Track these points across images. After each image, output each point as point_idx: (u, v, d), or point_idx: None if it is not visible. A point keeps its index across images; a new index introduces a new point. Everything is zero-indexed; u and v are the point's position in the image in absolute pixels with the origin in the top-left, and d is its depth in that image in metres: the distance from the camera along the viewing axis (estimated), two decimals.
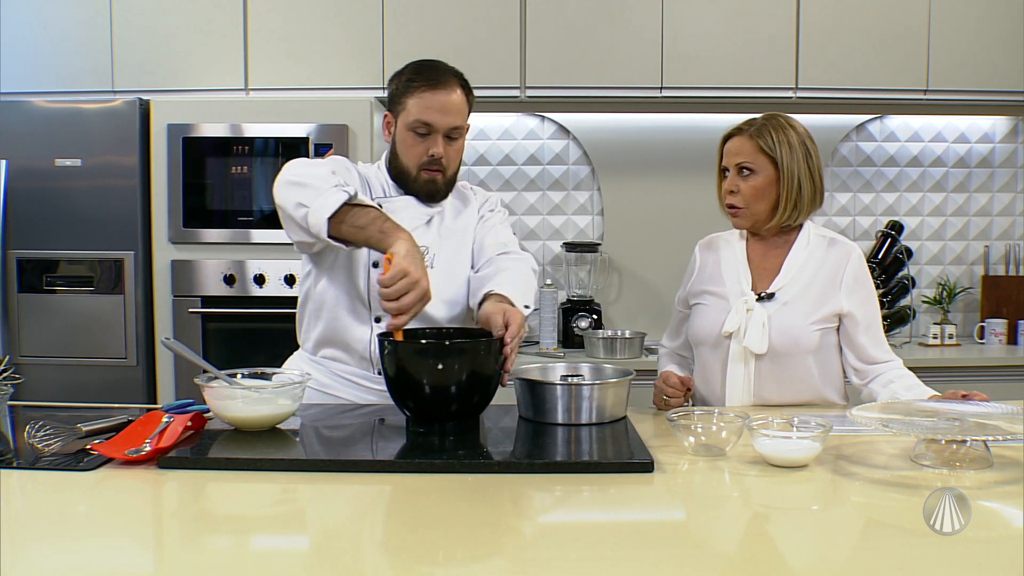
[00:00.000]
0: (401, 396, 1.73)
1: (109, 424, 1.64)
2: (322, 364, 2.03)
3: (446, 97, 1.93)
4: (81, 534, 1.22)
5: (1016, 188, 3.89)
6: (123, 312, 3.19)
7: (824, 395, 2.07)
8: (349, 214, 1.77)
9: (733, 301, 2.07)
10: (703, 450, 1.60)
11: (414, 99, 1.93)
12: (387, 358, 1.72)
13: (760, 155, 2.06)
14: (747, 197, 2.07)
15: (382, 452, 1.61)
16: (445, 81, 1.94)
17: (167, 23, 3.38)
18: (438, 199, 2.04)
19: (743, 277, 2.10)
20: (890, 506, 1.36)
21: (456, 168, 2.04)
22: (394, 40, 3.38)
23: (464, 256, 2.07)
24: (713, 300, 2.12)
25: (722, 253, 2.18)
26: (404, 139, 1.97)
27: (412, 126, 1.94)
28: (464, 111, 1.98)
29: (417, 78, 1.95)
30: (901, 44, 3.43)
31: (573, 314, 3.61)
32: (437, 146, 1.95)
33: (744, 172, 2.07)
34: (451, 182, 2.05)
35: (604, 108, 3.67)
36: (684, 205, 3.80)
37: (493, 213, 2.14)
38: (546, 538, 1.27)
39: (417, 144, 1.95)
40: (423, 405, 1.71)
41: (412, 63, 2.01)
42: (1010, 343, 3.65)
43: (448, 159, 1.98)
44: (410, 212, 2.00)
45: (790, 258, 2.08)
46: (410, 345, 1.74)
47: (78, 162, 3.17)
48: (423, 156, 1.96)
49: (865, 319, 2.04)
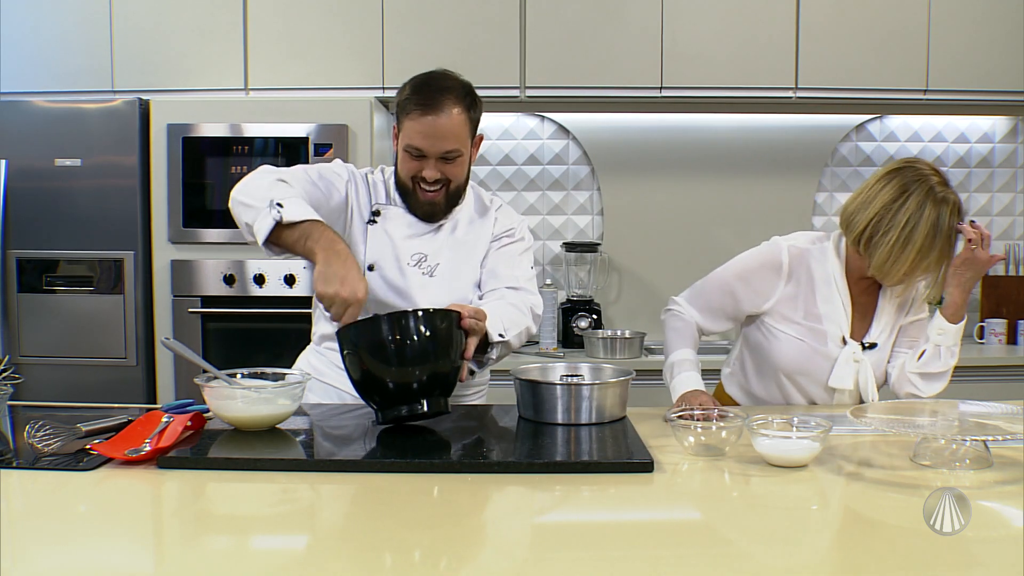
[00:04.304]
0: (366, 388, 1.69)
1: (109, 424, 1.64)
2: (323, 355, 2.07)
3: (439, 122, 1.86)
4: (81, 534, 1.22)
5: (1016, 188, 3.89)
6: (123, 312, 3.19)
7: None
8: (283, 233, 1.75)
9: (832, 345, 2.00)
10: (703, 450, 1.61)
11: (408, 121, 1.89)
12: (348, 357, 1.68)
13: None
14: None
15: (382, 452, 1.61)
16: (439, 104, 1.86)
17: (167, 23, 3.38)
18: (438, 217, 2.00)
19: (843, 319, 2.00)
20: (890, 506, 1.36)
21: (462, 182, 1.98)
22: (394, 40, 3.38)
23: (469, 270, 2.03)
24: (806, 334, 2.01)
25: (816, 275, 2.02)
26: (401, 157, 1.95)
27: (406, 148, 1.92)
28: (461, 132, 1.90)
29: (413, 98, 1.89)
30: (901, 44, 3.43)
31: (573, 314, 3.61)
32: (429, 169, 1.91)
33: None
34: (454, 198, 2.00)
35: (604, 108, 3.67)
36: (684, 205, 3.81)
37: (516, 241, 2.08)
38: (546, 538, 1.27)
39: (411, 163, 1.93)
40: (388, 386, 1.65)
41: (414, 78, 1.94)
42: (1010, 343, 3.65)
43: (449, 175, 1.94)
44: (412, 218, 2.00)
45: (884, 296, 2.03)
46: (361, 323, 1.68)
47: (78, 162, 3.17)
48: (417, 175, 1.93)
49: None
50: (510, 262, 2.04)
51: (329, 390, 2.04)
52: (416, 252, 1.99)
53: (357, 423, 1.80)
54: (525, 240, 2.10)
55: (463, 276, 2.03)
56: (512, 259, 2.05)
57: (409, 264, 1.98)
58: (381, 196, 2.03)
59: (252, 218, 1.78)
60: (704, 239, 3.80)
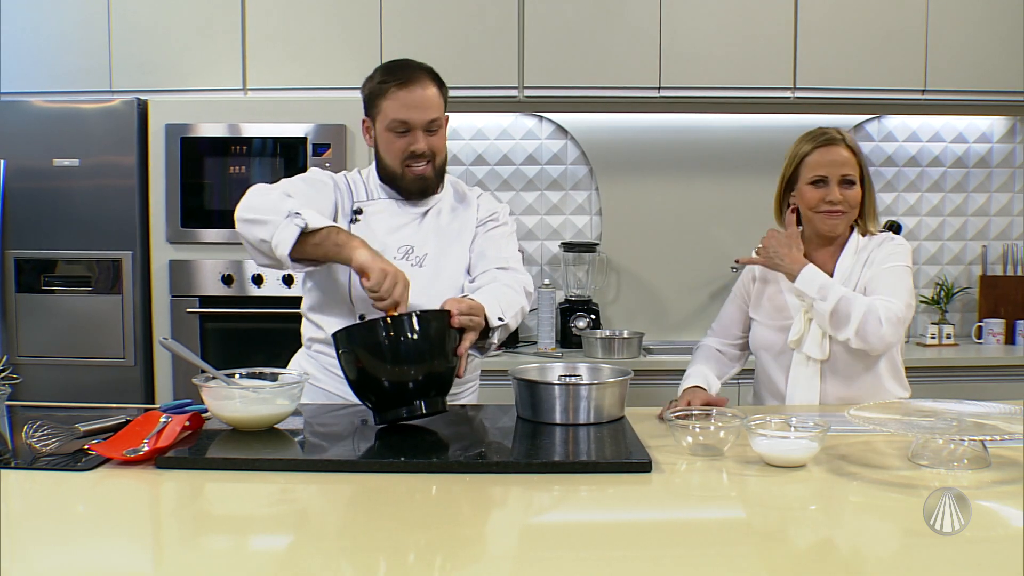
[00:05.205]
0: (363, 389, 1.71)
1: (107, 424, 1.64)
2: (314, 358, 2.07)
3: (419, 93, 1.95)
4: (79, 534, 1.22)
5: (1014, 188, 3.89)
6: (121, 312, 3.19)
7: (889, 389, 2.09)
8: (305, 241, 1.80)
9: (793, 310, 2.10)
10: (701, 450, 1.61)
11: (388, 100, 1.95)
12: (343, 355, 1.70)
13: (856, 165, 2.10)
14: (851, 204, 2.09)
15: (380, 452, 1.61)
16: (416, 78, 1.96)
17: (165, 23, 3.38)
18: (430, 192, 2.05)
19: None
20: (888, 506, 1.36)
21: (444, 157, 2.05)
22: (392, 40, 3.37)
23: (457, 258, 2.06)
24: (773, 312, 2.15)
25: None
26: (385, 140, 1.99)
27: (391, 126, 1.96)
28: (439, 104, 1.99)
29: (389, 79, 1.97)
30: (899, 44, 3.43)
31: (571, 314, 3.61)
32: (418, 142, 1.97)
33: (846, 183, 2.08)
34: (440, 172, 2.06)
35: (602, 108, 3.67)
36: (682, 205, 3.81)
37: (500, 225, 2.13)
38: (544, 538, 1.27)
39: (397, 142, 1.97)
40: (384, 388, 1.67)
41: (381, 65, 2.04)
42: (1008, 343, 3.65)
43: (433, 149, 2.00)
44: (395, 211, 2.03)
45: (841, 262, 2.11)
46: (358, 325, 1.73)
47: (76, 162, 3.17)
48: (405, 152, 1.97)
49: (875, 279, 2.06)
50: (497, 244, 2.10)
51: (320, 393, 2.04)
52: (403, 244, 2.02)
53: (355, 423, 1.80)
54: (509, 224, 2.16)
55: (452, 264, 2.05)
56: (499, 241, 2.10)
57: (396, 257, 1.99)
58: (361, 194, 2.06)
59: (269, 233, 1.81)
60: (702, 239, 3.80)
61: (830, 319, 1.98)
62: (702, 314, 3.78)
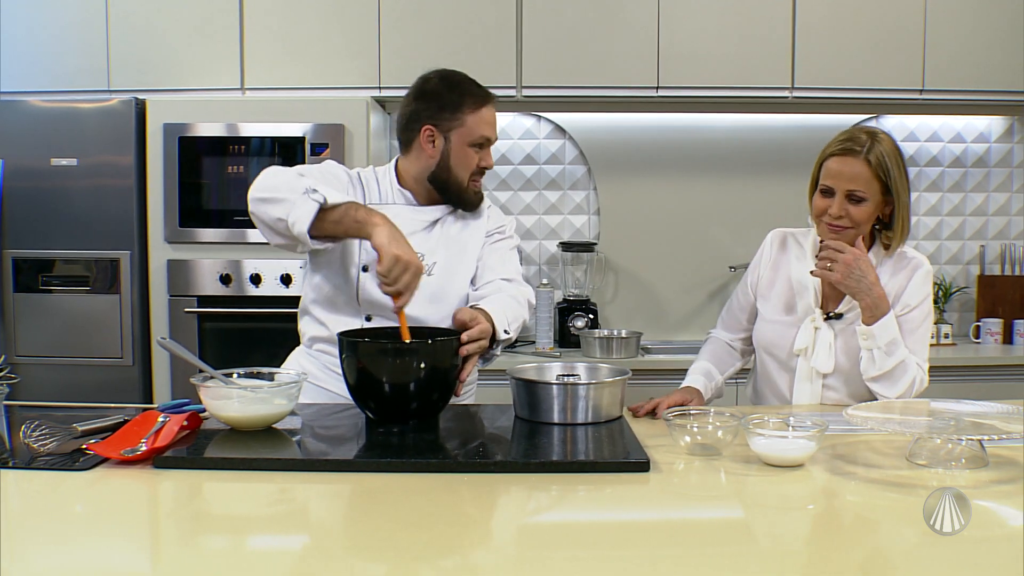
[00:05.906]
0: (362, 396, 1.75)
1: (105, 424, 1.64)
2: (315, 357, 2.06)
3: (494, 111, 2.03)
4: (77, 534, 1.22)
5: (1012, 188, 3.90)
6: (119, 312, 3.19)
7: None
8: (323, 218, 1.79)
9: (802, 314, 2.07)
10: (699, 449, 1.61)
11: (474, 116, 1.98)
12: (346, 361, 1.74)
13: (874, 181, 1.95)
14: (855, 221, 1.97)
15: (378, 452, 1.61)
16: (492, 97, 2.03)
17: (163, 22, 3.38)
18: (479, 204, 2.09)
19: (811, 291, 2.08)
20: (886, 505, 1.36)
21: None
22: (390, 40, 3.37)
23: (464, 268, 2.06)
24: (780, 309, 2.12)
25: (792, 252, 2.15)
26: (463, 154, 2.00)
27: (476, 141, 1.99)
28: None
29: (477, 93, 2.00)
30: (897, 44, 3.44)
31: (569, 314, 3.61)
32: (490, 158, 2.04)
33: (853, 200, 1.96)
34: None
35: (600, 108, 3.67)
36: (681, 204, 3.81)
37: (507, 238, 2.15)
38: (542, 538, 1.27)
39: (474, 157, 2.01)
40: (383, 404, 1.72)
41: (447, 77, 2.01)
42: (1006, 343, 3.65)
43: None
44: (407, 217, 2.01)
45: None
46: (369, 344, 1.76)
47: (74, 162, 3.17)
48: (477, 168, 2.02)
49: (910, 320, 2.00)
50: (503, 257, 2.11)
51: (322, 393, 2.03)
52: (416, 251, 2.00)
53: (353, 423, 1.80)
54: (514, 238, 2.18)
55: (460, 273, 2.05)
56: (504, 254, 2.12)
57: None
58: (374, 196, 2.04)
59: (286, 211, 1.79)
60: (700, 238, 3.80)
61: (881, 373, 1.93)
62: (700, 314, 3.78)
